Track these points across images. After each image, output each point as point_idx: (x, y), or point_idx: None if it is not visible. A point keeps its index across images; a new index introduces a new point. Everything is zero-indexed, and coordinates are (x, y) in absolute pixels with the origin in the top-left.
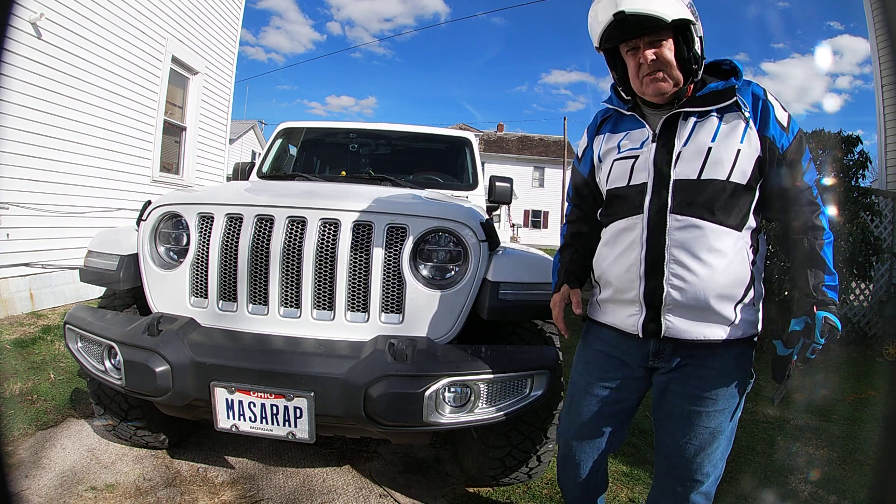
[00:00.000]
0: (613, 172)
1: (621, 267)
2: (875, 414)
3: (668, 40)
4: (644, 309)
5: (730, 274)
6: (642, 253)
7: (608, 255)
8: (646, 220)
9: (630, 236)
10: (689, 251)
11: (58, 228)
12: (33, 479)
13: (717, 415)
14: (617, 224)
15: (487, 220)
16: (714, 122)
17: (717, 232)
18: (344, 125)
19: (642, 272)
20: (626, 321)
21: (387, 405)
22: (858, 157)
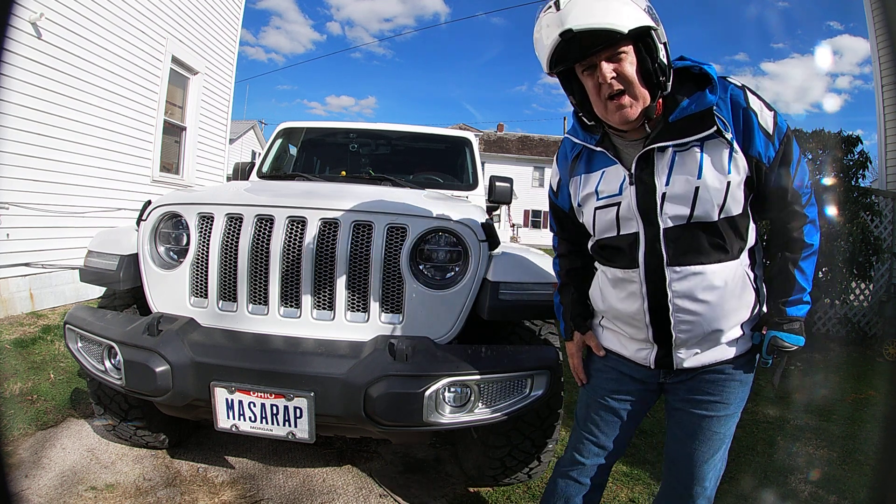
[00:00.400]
0: (599, 223)
1: (627, 310)
2: (875, 414)
3: (628, 52)
4: (655, 347)
5: (735, 302)
6: (645, 305)
7: (609, 295)
8: (643, 274)
9: (630, 287)
10: (693, 297)
11: (58, 228)
12: (33, 479)
13: (728, 419)
14: (615, 272)
15: (487, 220)
16: (696, 154)
17: (717, 271)
18: (344, 125)
19: (648, 321)
20: (637, 355)
21: (387, 405)
22: (858, 157)
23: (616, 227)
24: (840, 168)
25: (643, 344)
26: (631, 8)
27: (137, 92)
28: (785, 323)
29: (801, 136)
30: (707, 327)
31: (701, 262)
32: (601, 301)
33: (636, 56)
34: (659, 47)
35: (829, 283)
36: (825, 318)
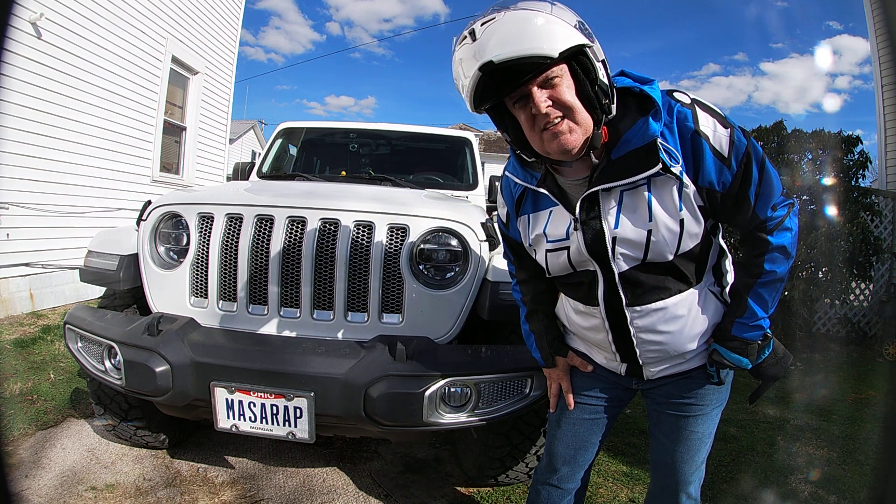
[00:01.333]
0: (552, 264)
1: (593, 337)
2: (875, 414)
3: (562, 76)
4: (626, 363)
5: (701, 324)
6: (610, 337)
7: (576, 319)
8: (604, 312)
9: (593, 319)
10: (656, 330)
11: (58, 228)
12: (33, 479)
13: (706, 418)
14: (576, 304)
15: (487, 221)
16: (643, 194)
17: (679, 302)
18: (344, 125)
19: (615, 350)
20: (608, 364)
21: (387, 405)
22: (858, 157)
23: (570, 268)
24: (840, 168)
25: (612, 356)
26: (558, 26)
27: (137, 92)
28: (728, 340)
29: (801, 136)
30: (675, 351)
31: (661, 298)
32: (567, 322)
33: (573, 78)
34: (597, 66)
35: (829, 283)
36: (825, 318)
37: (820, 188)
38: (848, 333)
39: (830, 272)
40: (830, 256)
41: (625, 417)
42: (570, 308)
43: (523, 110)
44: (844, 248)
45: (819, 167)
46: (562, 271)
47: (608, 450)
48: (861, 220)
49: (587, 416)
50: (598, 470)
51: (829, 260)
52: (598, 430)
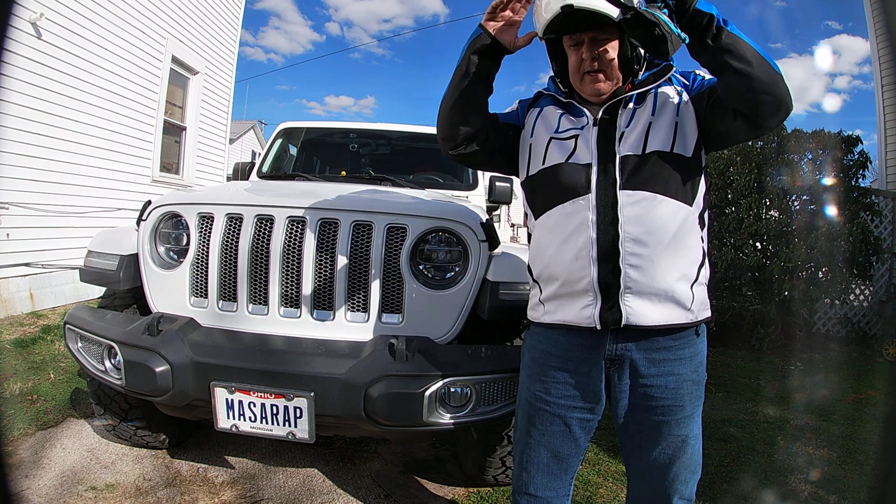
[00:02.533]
0: (552, 150)
1: (569, 254)
2: (875, 414)
3: (613, 40)
4: (599, 297)
5: (689, 252)
6: (594, 234)
7: (549, 243)
8: (594, 198)
9: (576, 219)
10: (645, 226)
11: (58, 228)
12: (33, 479)
13: (687, 420)
14: (560, 209)
15: (487, 221)
16: (651, 98)
17: (670, 205)
18: (344, 125)
19: (595, 255)
20: (580, 314)
21: (387, 405)
22: (858, 157)
23: (569, 155)
24: (840, 168)
25: (586, 298)
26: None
27: (137, 92)
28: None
29: (801, 136)
30: (655, 267)
31: (655, 191)
32: (540, 258)
33: (619, 43)
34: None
35: (829, 283)
36: (825, 319)
37: (820, 188)
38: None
39: (830, 272)
40: (830, 256)
41: None
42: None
43: (575, 52)
44: (844, 248)
45: (819, 167)
46: (557, 157)
47: (608, 450)
48: (861, 220)
49: (558, 427)
50: (598, 470)
51: (829, 260)
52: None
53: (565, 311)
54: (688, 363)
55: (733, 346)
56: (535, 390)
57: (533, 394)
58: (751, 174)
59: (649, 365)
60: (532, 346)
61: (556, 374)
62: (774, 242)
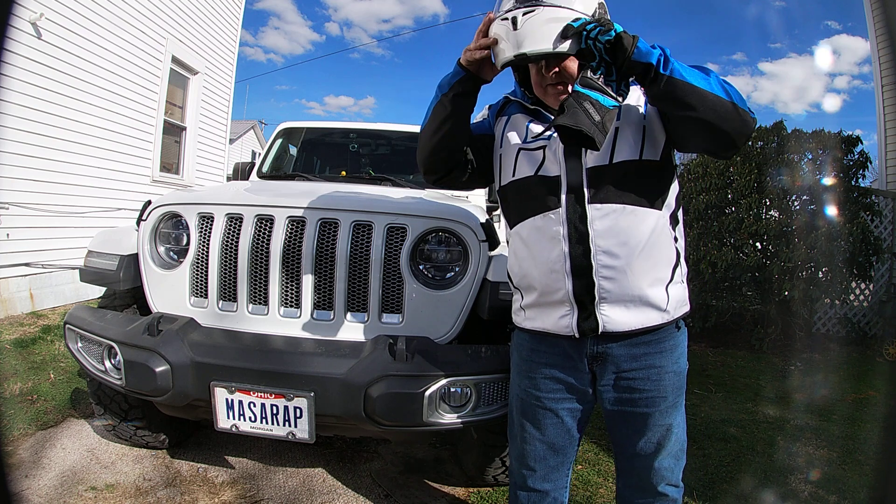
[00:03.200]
0: (521, 162)
1: (543, 266)
2: (875, 414)
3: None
4: (575, 307)
5: (657, 254)
6: (566, 248)
7: (525, 255)
8: (564, 214)
9: (547, 233)
10: (616, 238)
11: (58, 228)
12: (33, 479)
13: (670, 410)
14: (532, 222)
15: (487, 221)
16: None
17: (639, 214)
18: (344, 125)
19: (568, 268)
20: (559, 323)
21: (387, 405)
22: (858, 157)
23: (537, 168)
24: (840, 168)
25: (563, 308)
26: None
27: (137, 92)
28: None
29: (801, 136)
30: (631, 280)
31: (623, 202)
32: (517, 267)
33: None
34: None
35: (829, 283)
36: (825, 318)
37: (820, 188)
38: (848, 333)
39: (830, 272)
40: (830, 256)
41: None
42: (519, 243)
43: (535, 67)
44: (844, 248)
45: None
46: (525, 170)
47: (608, 450)
48: (861, 220)
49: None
50: (598, 470)
51: (829, 260)
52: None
53: (544, 320)
54: (668, 355)
55: (733, 346)
56: (525, 387)
57: (524, 390)
58: (751, 174)
59: (631, 360)
60: (519, 346)
61: (544, 370)
62: (774, 242)
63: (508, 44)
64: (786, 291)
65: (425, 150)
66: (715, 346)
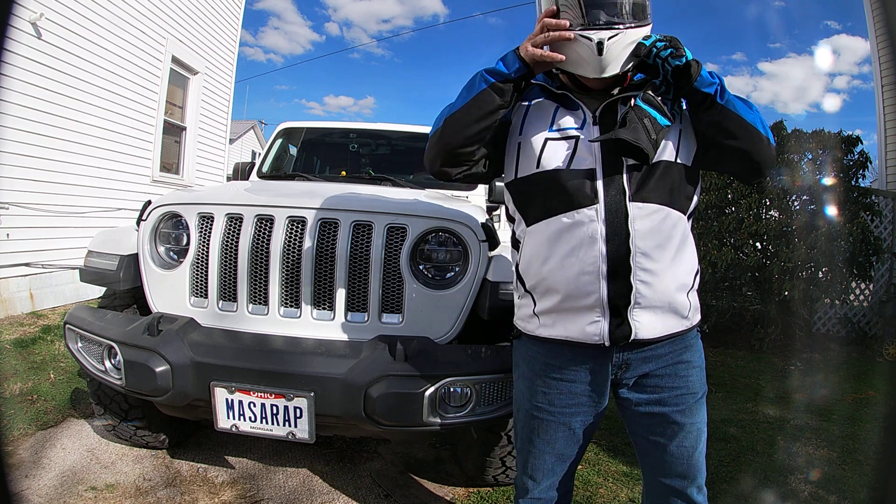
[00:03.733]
0: (548, 152)
1: (573, 269)
2: (875, 414)
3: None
4: (608, 313)
5: (686, 261)
6: (603, 249)
7: (548, 257)
8: (603, 210)
9: (580, 232)
10: (654, 239)
11: (58, 228)
12: (33, 479)
13: (699, 405)
14: (561, 219)
15: (487, 221)
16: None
17: (674, 218)
18: (344, 125)
19: (605, 271)
20: (586, 330)
21: (387, 405)
22: (858, 157)
23: (569, 159)
24: (840, 168)
25: (593, 314)
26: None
27: (137, 92)
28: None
29: (801, 136)
30: (663, 281)
31: (663, 203)
32: (534, 269)
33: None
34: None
35: (829, 283)
36: (825, 319)
37: (820, 188)
38: (848, 333)
39: (830, 272)
40: (830, 256)
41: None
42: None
43: None
44: (844, 248)
45: (819, 167)
46: (554, 161)
47: (608, 450)
48: (861, 220)
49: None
50: (598, 470)
51: (829, 260)
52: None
53: (567, 327)
54: (691, 351)
55: (733, 346)
56: (537, 402)
57: (535, 405)
58: None
59: (656, 360)
60: (529, 358)
61: (559, 384)
62: (774, 242)
63: (590, 66)
64: (786, 291)
65: (455, 141)
66: (715, 346)
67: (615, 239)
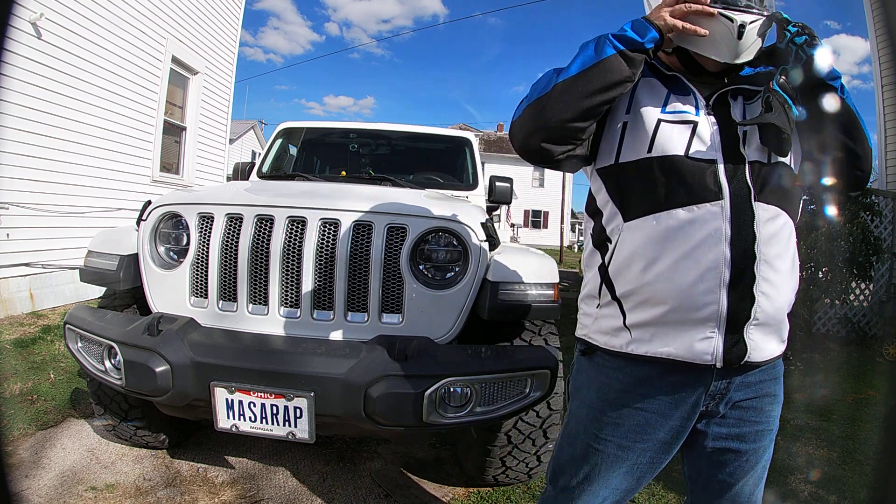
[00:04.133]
0: (663, 135)
1: (688, 275)
2: (875, 414)
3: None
4: (724, 329)
5: (796, 276)
6: (727, 252)
7: (655, 258)
8: (729, 207)
9: (704, 230)
10: (777, 247)
11: (58, 228)
12: (33, 479)
13: (770, 445)
14: (672, 214)
15: (487, 221)
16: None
17: (791, 226)
18: (344, 125)
19: (727, 278)
20: (695, 348)
21: (387, 405)
22: None
23: (686, 146)
24: None
25: (706, 329)
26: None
27: (137, 92)
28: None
29: None
30: (781, 295)
31: (783, 208)
32: (634, 273)
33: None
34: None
35: (829, 283)
36: (825, 318)
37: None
38: (848, 333)
39: (830, 272)
40: (830, 256)
41: None
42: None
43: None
44: (844, 248)
45: None
46: (670, 146)
47: None
48: (861, 220)
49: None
50: None
51: (829, 260)
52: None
53: (669, 343)
54: (777, 383)
55: None
56: (605, 434)
57: (600, 438)
58: None
59: (746, 389)
60: (602, 383)
61: (636, 414)
62: None
63: (725, 49)
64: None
65: (566, 114)
66: None
67: (740, 242)
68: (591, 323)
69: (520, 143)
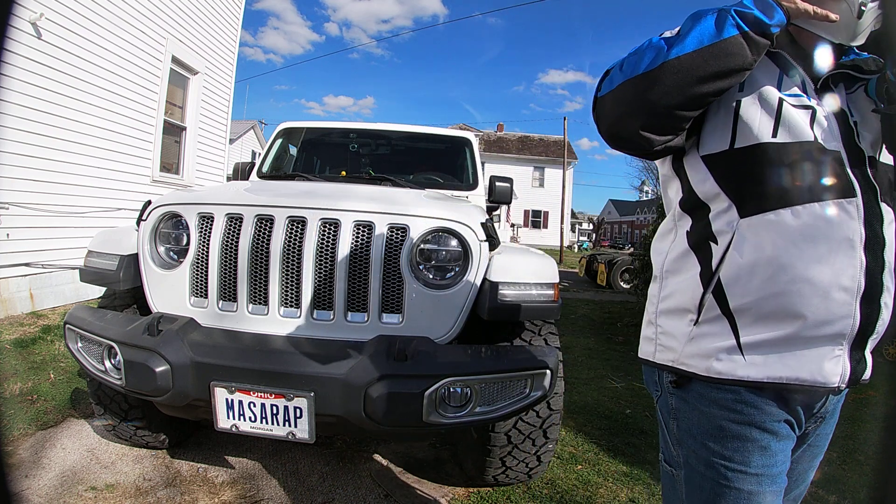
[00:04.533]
0: (788, 117)
1: (826, 282)
2: (875, 414)
3: None
4: (851, 346)
5: None
6: (863, 259)
7: (788, 263)
8: (862, 206)
9: (840, 232)
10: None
11: (58, 228)
12: (33, 479)
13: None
14: (810, 210)
15: (487, 220)
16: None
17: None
18: (344, 125)
19: (863, 288)
20: (825, 369)
21: (387, 405)
22: None
23: (811, 133)
24: None
25: (835, 346)
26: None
27: (137, 92)
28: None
29: None
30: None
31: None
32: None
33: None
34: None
35: None
36: None
37: None
38: None
39: None
40: None
41: (624, 417)
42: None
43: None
44: None
45: None
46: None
47: (608, 450)
48: None
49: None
50: (598, 470)
51: None
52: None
53: (792, 366)
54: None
55: None
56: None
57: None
58: None
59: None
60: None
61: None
62: None
63: (843, 30)
64: None
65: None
66: None
67: (874, 247)
68: (685, 345)
69: (609, 125)
